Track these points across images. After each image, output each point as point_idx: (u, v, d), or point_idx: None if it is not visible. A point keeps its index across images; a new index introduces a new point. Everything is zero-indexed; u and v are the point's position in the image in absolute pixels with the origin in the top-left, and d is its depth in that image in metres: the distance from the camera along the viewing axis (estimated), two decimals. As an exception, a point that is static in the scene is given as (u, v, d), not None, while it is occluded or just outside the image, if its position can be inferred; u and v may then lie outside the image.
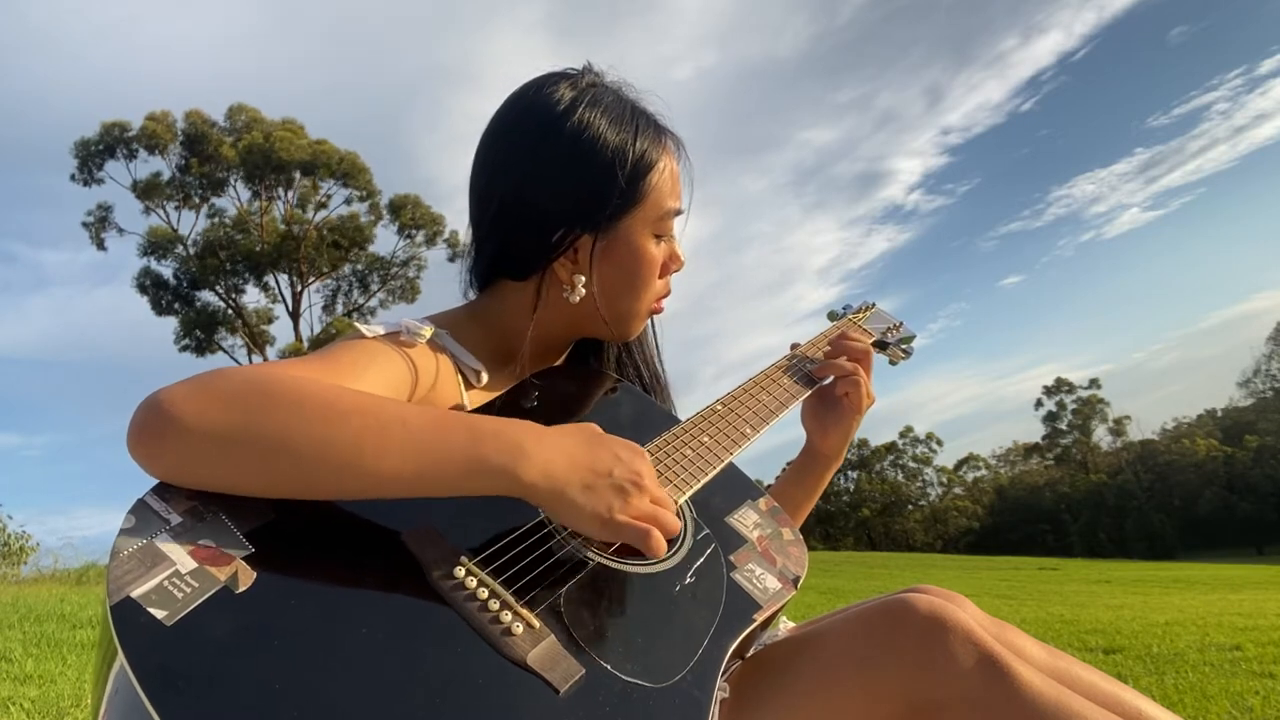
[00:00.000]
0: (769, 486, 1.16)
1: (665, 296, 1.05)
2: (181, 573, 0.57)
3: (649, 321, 1.10)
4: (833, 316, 1.31)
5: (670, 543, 0.77)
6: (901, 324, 1.31)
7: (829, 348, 1.15)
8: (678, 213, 1.01)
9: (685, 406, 1.14)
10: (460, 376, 0.92)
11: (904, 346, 1.28)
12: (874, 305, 1.34)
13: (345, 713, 0.54)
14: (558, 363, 1.07)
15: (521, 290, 0.98)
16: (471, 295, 1.04)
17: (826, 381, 1.13)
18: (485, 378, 0.93)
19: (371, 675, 0.57)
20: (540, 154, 0.93)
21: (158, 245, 24.10)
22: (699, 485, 0.87)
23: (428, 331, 0.89)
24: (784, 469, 1.21)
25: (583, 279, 0.95)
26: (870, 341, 1.24)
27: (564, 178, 0.93)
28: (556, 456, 0.69)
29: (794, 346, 1.18)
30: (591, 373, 1.06)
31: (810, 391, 1.11)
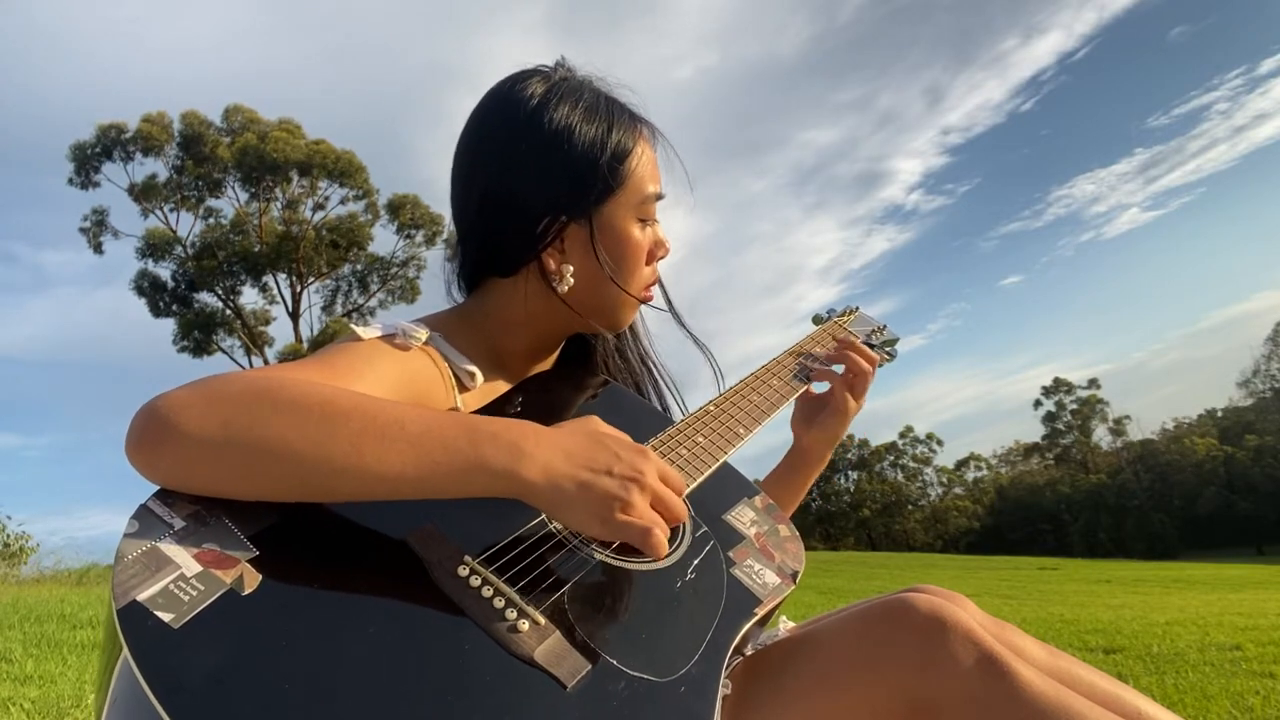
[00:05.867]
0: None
1: (653, 284, 1.05)
2: (187, 576, 0.58)
3: (640, 318, 1.10)
4: (817, 320, 1.31)
5: (670, 540, 0.77)
6: (885, 326, 1.31)
7: (839, 352, 1.15)
8: (659, 197, 1.02)
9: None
10: (454, 379, 0.92)
11: (888, 349, 1.29)
12: (857, 309, 1.35)
13: (354, 712, 0.54)
14: (549, 361, 1.07)
15: (510, 286, 0.98)
16: (459, 297, 1.04)
17: (819, 385, 1.13)
18: (479, 379, 0.93)
19: (379, 675, 0.57)
20: (519, 146, 0.94)
21: (155, 247, 24.05)
22: (696, 484, 0.88)
23: (423, 334, 0.89)
24: (767, 476, 1.21)
25: (570, 268, 0.96)
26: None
27: (544, 166, 0.93)
28: (556, 456, 0.69)
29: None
30: (580, 375, 1.06)
31: (803, 389, 1.11)
